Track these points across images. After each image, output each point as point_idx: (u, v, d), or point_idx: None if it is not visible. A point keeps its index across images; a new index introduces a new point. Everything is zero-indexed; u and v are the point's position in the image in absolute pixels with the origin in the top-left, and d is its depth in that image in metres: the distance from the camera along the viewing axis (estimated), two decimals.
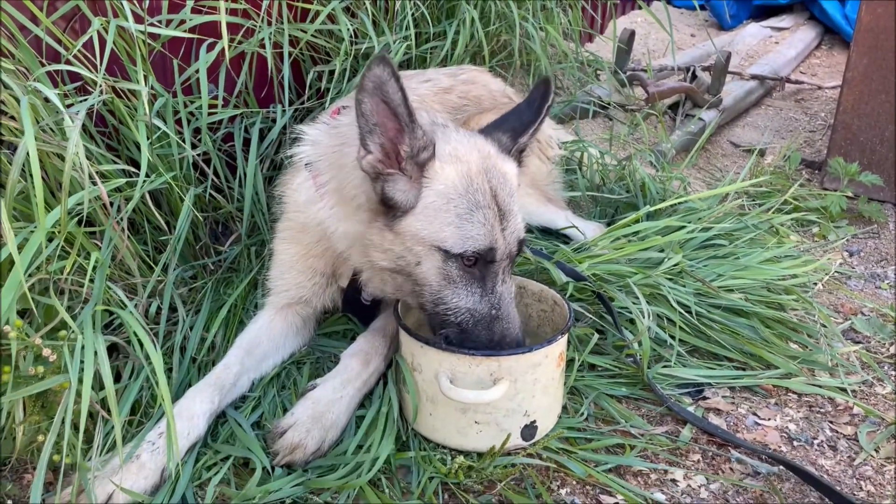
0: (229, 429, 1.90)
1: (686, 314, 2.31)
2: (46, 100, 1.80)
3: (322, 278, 2.18)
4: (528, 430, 1.86)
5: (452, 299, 1.84)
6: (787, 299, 2.48)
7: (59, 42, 2.03)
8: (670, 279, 2.40)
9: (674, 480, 1.85)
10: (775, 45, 6.15)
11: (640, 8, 7.00)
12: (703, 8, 7.24)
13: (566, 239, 2.85)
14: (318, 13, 2.91)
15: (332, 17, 2.97)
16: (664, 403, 2.07)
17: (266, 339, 2.13)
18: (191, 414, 1.81)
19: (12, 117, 1.72)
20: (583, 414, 2.02)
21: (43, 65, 1.96)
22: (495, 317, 1.84)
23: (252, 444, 1.81)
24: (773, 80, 5.10)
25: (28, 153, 1.53)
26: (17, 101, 1.70)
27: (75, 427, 1.62)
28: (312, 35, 2.91)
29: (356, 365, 1.99)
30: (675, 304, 2.28)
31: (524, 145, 2.05)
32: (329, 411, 1.87)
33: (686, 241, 2.64)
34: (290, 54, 2.81)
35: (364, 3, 3.02)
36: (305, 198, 2.05)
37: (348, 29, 2.94)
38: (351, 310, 2.33)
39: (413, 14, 3.31)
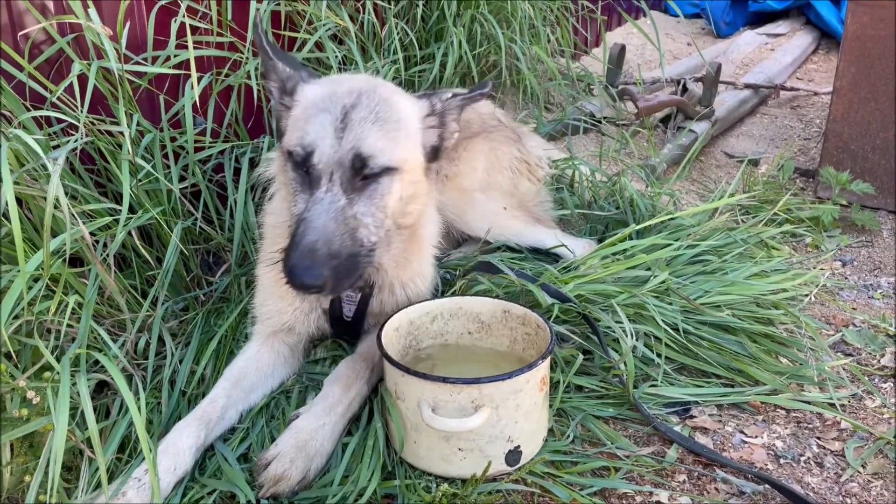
0: (217, 462, 1.92)
1: (673, 332, 2.31)
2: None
3: (302, 303, 2.21)
4: (513, 456, 1.87)
5: (292, 207, 1.90)
6: (776, 314, 2.48)
7: (45, 87, 2.08)
8: (657, 297, 2.41)
9: (659, 502, 1.85)
10: (771, 51, 6.16)
11: (636, 18, 7.06)
12: (698, 16, 7.27)
13: (557, 257, 2.86)
14: (305, 42, 2.95)
15: (319, 45, 3.01)
16: (650, 423, 2.08)
17: (253, 370, 2.15)
18: (177, 450, 1.83)
19: None
20: (569, 436, 2.02)
21: (28, 109, 2.00)
22: (304, 217, 1.83)
23: (237, 477, 1.83)
24: (768, 88, 5.11)
25: (6, 201, 1.56)
26: None
27: (65, 467, 1.65)
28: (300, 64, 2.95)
29: (337, 391, 2.00)
30: (661, 323, 2.29)
31: (440, 106, 2.05)
32: (312, 439, 1.88)
33: (673, 258, 2.65)
34: None
35: (350, 31, 3.06)
36: (275, 220, 2.10)
37: (336, 56, 2.98)
38: (340, 332, 2.35)
39: (400, 38, 3.36)
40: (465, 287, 2.43)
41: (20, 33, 2.03)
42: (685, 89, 4.21)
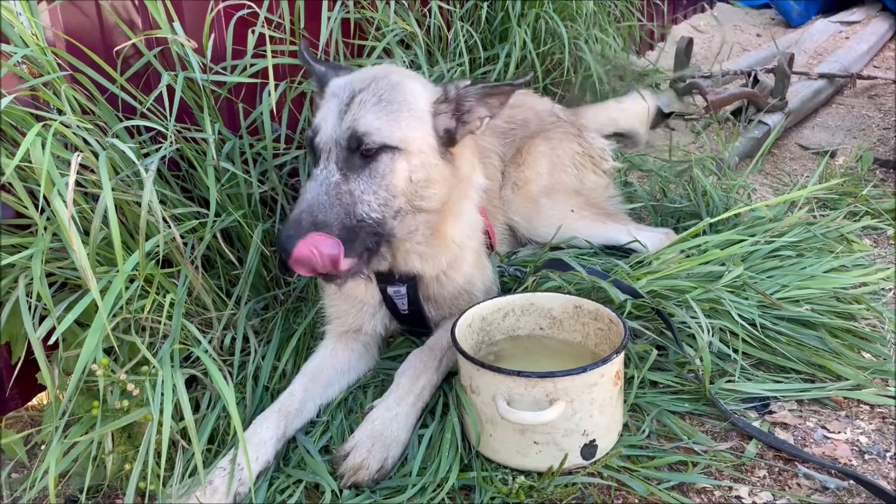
0: (300, 454, 2.00)
1: (750, 327, 2.28)
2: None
3: (364, 305, 2.28)
4: (588, 449, 1.88)
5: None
6: (857, 309, 2.41)
7: (134, 97, 2.20)
8: (732, 292, 2.38)
9: (739, 497, 1.83)
10: (845, 40, 5.95)
11: (702, 11, 6.93)
12: (768, 6, 7.08)
13: (630, 251, 2.84)
14: (373, 48, 3.02)
15: (387, 51, 3.08)
16: (728, 419, 2.05)
17: (329, 366, 2.23)
18: (259, 440, 1.92)
19: (92, 171, 1.88)
20: (644, 431, 2.02)
21: (120, 120, 2.13)
22: (301, 195, 1.94)
23: (319, 468, 1.90)
24: (843, 77, 4.94)
25: (107, 207, 1.67)
26: (97, 156, 1.85)
27: (159, 455, 1.75)
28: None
29: (406, 382, 2.06)
30: (737, 318, 2.26)
31: (454, 93, 2.10)
32: (387, 429, 1.95)
33: (749, 253, 2.61)
34: None
35: (418, 35, 3.12)
36: None
37: (404, 61, 3.05)
38: (410, 327, 2.42)
39: (466, 41, 3.40)
40: (536, 284, 2.44)
41: (114, 49, 2.14)
42: (756, 81, 4.12)
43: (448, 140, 2.11)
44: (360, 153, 1.96)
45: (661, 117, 4.21)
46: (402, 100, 2.01)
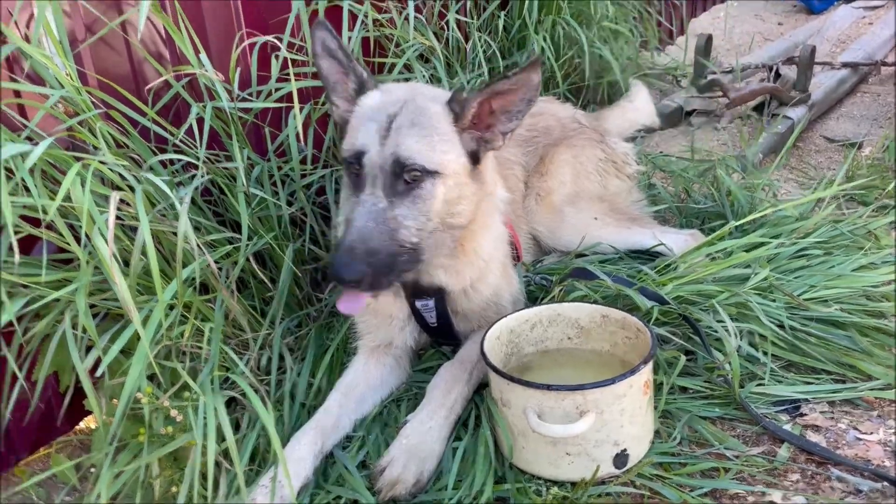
0: (338, 470, 2.05)
1: (778, 329, 2.29)
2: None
3: (393, 319, 2.33)
4: (620, 459, 1.91)
5: (344, 209, 2.06)
6: (887, 306, 2.40)
7: (164, 128, 2.28)
8: (759, 294, 2.39)
9: (772, 502, 1.84)
10: (869, 25, 5.88)
11: (722, 2, 6.87)
12: None
13: (656, 255, 2.85)
14: (393, 65, 3.07)
15: (407, 66, 3.13)
16: (759, 423, 2.07)
17: (362, 381, 2.28)
18: (297, 458, 1.98)
19: (128, 203, 1.95)
20: (676, 438, 2.04)
21: (154, 152, 2.20)
22: (349, 218, 1.99)
23: (358, 484, 1.95)
24: (868, 65, 4.88)
25: (145, 239, 1.74)
26: (132, 189, 1.93)
27: (203, 475, 1.82)
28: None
29: (438, 396, 2.11)
30: (764, 320, 2.27)
31: (464, 101, 2.09)
32: (422, 443, 1.99)
33: (775, 253, 2.61)
34: None
35: (436, 49, 3.16)
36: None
37: (424, 76, 3.09)
38: (439, 340, 2.47)
39: (484, 51, 3.44)
40: (563, 293, 2.47)
41: (147, 87, 2.22)
42: (778, 75, 4.10)
43: (473, 158, 2.15)
44: (404, 179, 2.01)
45: (682, 115, 4.21)
46: (430, 125, 2.05)
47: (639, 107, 3.78)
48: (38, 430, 2.17)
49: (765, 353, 2.25)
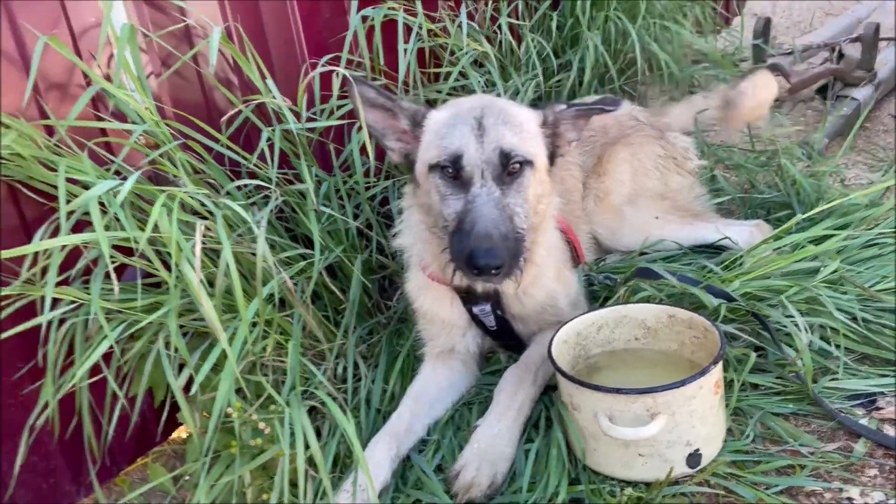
0: (416, 473, 2.13)
1: (850, 322, 2.26)
2: None
3: (453, 326, 2.41)
4: (693, 459, 1.93)
5: (445, 210, 2.09)
6: None
7: (236, 153, 2.40)
8: (829, 287, 2.36)
9: (850, 499, 1.84)
10: None
11: None
12: None
13: (721, 249, 2.84)
14: (448, 73, 3.13)
15: (463, 73, 3.18)
16: (834, 418, 2.05)
17: (432, 386, 2.36)
18: (375, 463, 2.06)
19: (208, 228, 2.07)
20: (748, 435, 2.05)
21: (230, 178, 2.32)
22: (468, 210, 2.02)
23: (436, 488, 2.03)
24: None
25: (227, 262, 1.85)
26: (212, 214, 2.05)
27: (292, 483, 1.93)
28: (447, 93, 3.14)
29: (504, 398, 2.17)
30: (836, 314, 2.25)
31: (552, 117, 2.24)
32: (492, 446, 2.05)
33: (844, 245, 2.57)
34: None
35: (490, 54, 3.21)
36: (411, 242, 2.40)
37: (479, 81, 3.15)
38: (503, 343, 2.52)
39: (538, 52, 3.46)
40: (628, 294, 2.49)
41: (222, 119, 2.34)
42: (841, 56, 3.99)
43: (550, 161, 2.25)
44: (508, 170, 2.10)
45: None
46: (517, 122, 2.15)
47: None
48: (135, 442, 2.33)
49: (837, 347, 2.23)
